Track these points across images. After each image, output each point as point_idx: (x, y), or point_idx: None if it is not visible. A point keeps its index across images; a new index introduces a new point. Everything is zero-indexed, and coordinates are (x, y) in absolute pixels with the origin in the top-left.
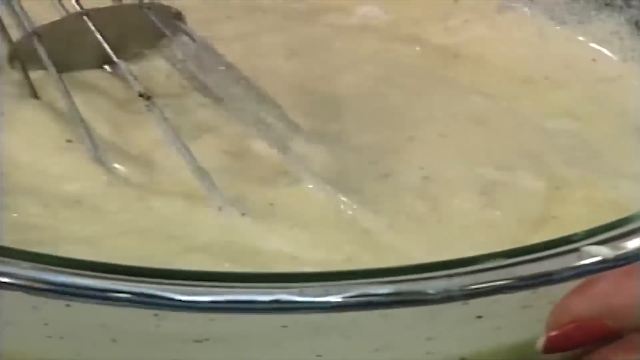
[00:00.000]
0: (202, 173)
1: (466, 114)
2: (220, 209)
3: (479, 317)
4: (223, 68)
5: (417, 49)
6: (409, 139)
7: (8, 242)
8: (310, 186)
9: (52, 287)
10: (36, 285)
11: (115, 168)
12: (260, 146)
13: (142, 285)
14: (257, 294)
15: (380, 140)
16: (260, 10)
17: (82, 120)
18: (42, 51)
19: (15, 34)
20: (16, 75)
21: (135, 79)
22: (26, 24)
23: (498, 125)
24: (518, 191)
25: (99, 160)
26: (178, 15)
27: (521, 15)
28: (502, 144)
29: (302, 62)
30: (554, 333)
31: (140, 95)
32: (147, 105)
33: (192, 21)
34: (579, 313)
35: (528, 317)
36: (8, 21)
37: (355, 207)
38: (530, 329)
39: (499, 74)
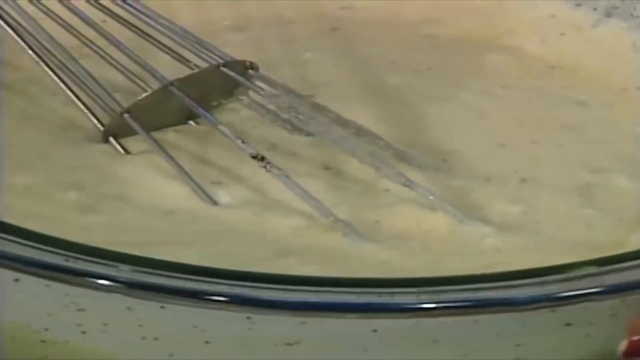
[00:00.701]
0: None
1: (558, 121)
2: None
3: (568, 324)
4: (310, 109)
5: (514, 59)
6: (499, 145)
7: (99, 242)
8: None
9: (148, 289)
10: (132, 287)
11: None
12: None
13: (234, 287)
14: (348, 296)
15: (469, 148)
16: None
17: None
18: (136, 126)
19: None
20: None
21: (237, 137)
22: (113, 103)
23: (591, 131)
24: (614, 192)
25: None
26: (252, 65)
27: (616, 30)
28: (595, 149)
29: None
30: (635, 338)
31: (254, 157)
32: (264, 167)
33: None
34: None
35: (617, 326)
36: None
37: (462, 217)
38: (619, 338)
39: (593, 83)
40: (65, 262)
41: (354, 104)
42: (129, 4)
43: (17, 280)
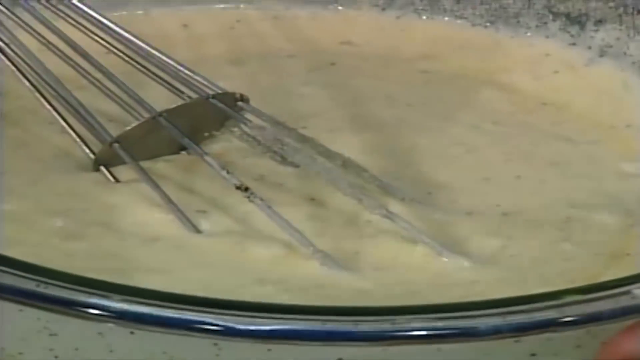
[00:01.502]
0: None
1: (544, 157)
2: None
3: (533, 354)
4: (297, 141)
5: (507, 95)
6: (484, 179)
7: (79, 269)
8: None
9: (115, 316)
10: (103, 313)
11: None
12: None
13: (201, 315)
14: (312, 324)
15: (455, 181)
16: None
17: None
18: (125, 155)
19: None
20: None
21: (222, 168)
22: (104, 133)
23: (576, 167)
24: (594, 227)
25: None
26: (242, 97)
27: (609, 68)
28: (578, 185)
29: (396, 108)
30: None
31: (238, 188)
32: (247, 197)
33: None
34: (627, 351)
35: (581, 357)
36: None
37: (440, 249)
38: None
39: (583, 120)
40: (36, 287)
41: (345, 135)
42: (126, 39)
43: None
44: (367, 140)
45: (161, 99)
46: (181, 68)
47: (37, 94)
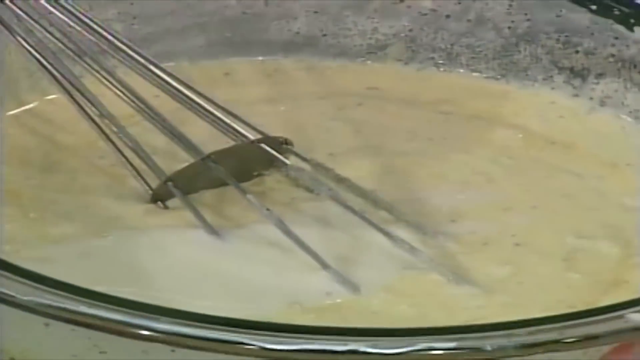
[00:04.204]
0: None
1: (557, 189)
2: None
3: None
4: (335, 184)
5: (520, 135)
6: (504, 209)
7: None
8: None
9: (160, 335)
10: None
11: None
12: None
13: (236, 335)
14: (334, 344)
15: (477, 210)
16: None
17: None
18: (178, 193)
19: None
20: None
21: (262, 205)
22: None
23: (584, 200)
24: (597, 256)
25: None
26: (286, 141)
27: (608, 116)
28: (586, 216)
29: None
30: None
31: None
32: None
33: None
34: None
35: None
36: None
37: (452, 277)
38: None
39: (588, 158)
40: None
41: (367, 164)
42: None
43: (47, 324)
44: (390, 168)
45: (204, 136)
46: (220, 113)
47: (99, 130)
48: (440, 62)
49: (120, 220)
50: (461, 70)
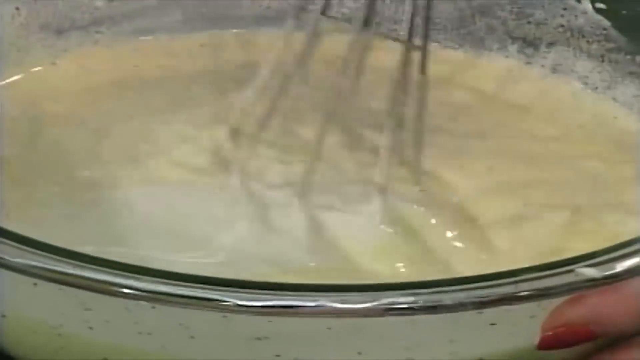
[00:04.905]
0: None
1: (513, 151)
2: None
3: (493, 324)
4: None
5: (479, 98)
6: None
7: None
8: None
9: (141, 293)
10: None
11: None
12: None
13: (211, 292)
14: (305, 300)
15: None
16: None
17: None
18: None
19: None
20: None
21: None
22: None
23: (539, 163)
24: (540, 226)
25: None
26: None
27: (559, 81)
28: (539, 179)
29: None
30: (547, 333)
31: None
32: None
33: None
34: (569, 319)
35: (535, 325)
36: None
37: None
38: (537, 335)
39: (542, 121)
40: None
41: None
42: None
43: (35, 284)
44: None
45: None
46: None
47: None
48: (402, 33)
49: (102, 181)
50: None
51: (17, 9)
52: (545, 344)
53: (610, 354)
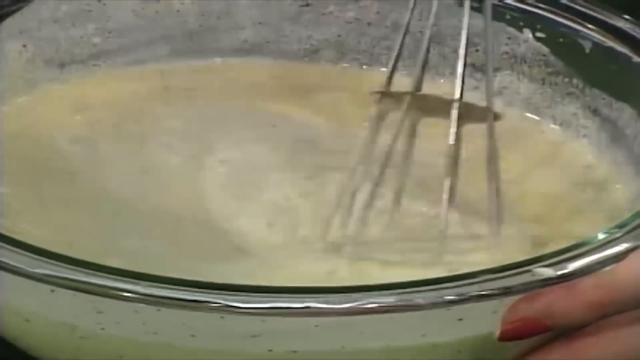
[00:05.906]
0: None
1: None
2: None
3: (460, 319)
4: None
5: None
6: None
7: None
8: None
9: (147, 298)
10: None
11: None
12: None
13: (209, 295)
14: (293, 301)
15: None
16: None
17: None
18: None
19: None
20: None
21: None
22: None
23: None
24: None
25: None
26: None
27: (504, 103)
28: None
29: None
30: (507, 327)
31: None
32: None
33: None
34: (525, 314)
35: (497, 320)
36: None
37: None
38: (497, 327)
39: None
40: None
41: None
42: None
43: (52, 290)
44: None
45: None
46: None
47: None
48: (365, 61)
49: None
50: (382, 69)
51: (24, 45)
52: (505, 336)
53: (564, 342)
